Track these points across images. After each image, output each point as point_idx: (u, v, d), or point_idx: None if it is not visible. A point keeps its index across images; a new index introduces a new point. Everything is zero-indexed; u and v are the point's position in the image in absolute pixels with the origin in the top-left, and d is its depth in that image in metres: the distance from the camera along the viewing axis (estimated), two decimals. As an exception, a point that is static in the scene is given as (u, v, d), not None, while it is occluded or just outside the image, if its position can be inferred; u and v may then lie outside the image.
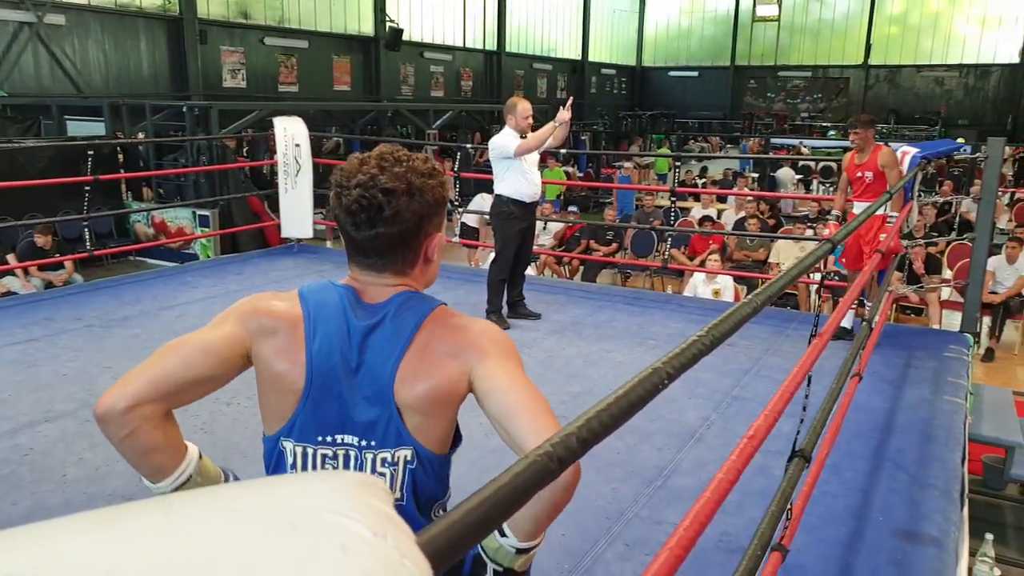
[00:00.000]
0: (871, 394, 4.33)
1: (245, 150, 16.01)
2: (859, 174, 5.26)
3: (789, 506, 1.99)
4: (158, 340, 5.17)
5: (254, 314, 1.38)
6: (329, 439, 1.35)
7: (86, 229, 7.37)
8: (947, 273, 8.78)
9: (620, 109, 36.06)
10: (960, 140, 26.69)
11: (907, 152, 5.25)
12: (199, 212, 11.79)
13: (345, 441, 1.35)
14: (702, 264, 8.73)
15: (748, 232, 9.44)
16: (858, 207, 5.27)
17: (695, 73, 37.19)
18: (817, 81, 35.10)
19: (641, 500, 3.21)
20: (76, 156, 11.17)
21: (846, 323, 5.38)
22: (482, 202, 11.47)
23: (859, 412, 4.03)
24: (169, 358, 1.33)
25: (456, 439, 1.43)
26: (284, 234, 8.22)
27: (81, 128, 13.92)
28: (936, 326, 8.02)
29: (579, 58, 33.99)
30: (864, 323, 3.50)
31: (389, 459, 1.34)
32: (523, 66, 30.31)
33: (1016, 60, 30.89)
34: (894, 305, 8.08)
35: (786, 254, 9.20)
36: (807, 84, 35.33)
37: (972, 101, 32.13)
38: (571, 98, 5.90)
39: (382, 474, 1.34)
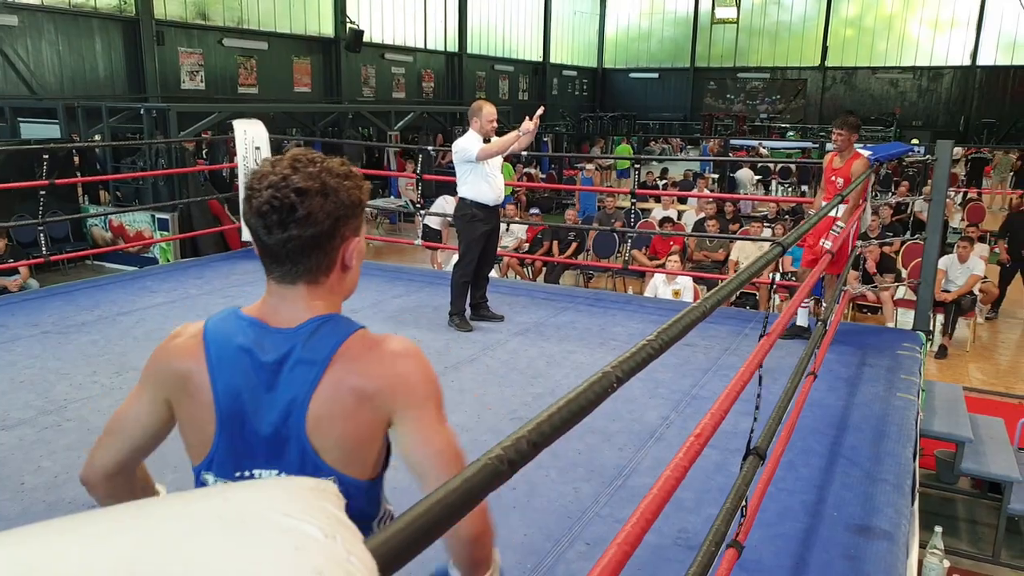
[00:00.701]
0: (827, 392, 4.43)
1: (204, 152, 15.84)
2: (833, 178, 5.37)
3: (744, 503, 2.04)
4: (117, 346, 5.14)
5: (158, 372, 1.38)
6: (247, 474, 1.32)
7: (41, 234, 7.25)
8: (902, 272, 8.98)
9: (582, 110, 36.26)
10: (914, 141, 27.26)
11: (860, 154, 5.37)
12: (158, 215, 11.65)
13: (262, 476, 1.32)
14: (663, 265, 8.83)
15: (708, 233, 9.57)
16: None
17: (655, 75, 37.55)
18: (775, 83, 35.62)
19: (602, 499, 3.25)
20: (31, 159, 10.97)
21: (802, 321, 5.50)
22: (444, 204, 11.47)
23: (815, 409, 4.12)
24: (115, 439, 1.41)
25: (386, 462, 1.40)
26: (245, 237, 8.16)
27: (35, 130, 13.67)
28: (891, 324, 8.20)
29: (541, 60, 34.12)
30: (819, 322, 3.58)
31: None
32: (485, 67, 30.35)
33: (967, 63, 31.62)
34: (851, 304, 8.25)
35: (746, 253, 9.34)
36: (766, 85, 35.83)
37: (926, 102, 32.84)
38: (542, 107, 5.94)
39: None
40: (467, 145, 5.44)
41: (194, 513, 0.48)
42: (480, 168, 5.45)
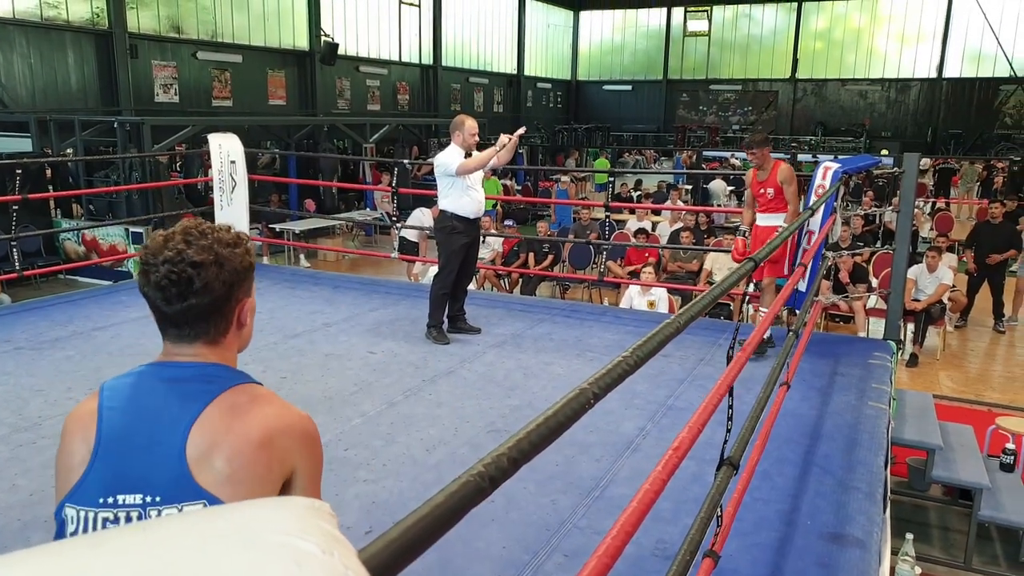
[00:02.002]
0: (800, 401, 4.49)
1: (179, 165, 15.75)
2: (762, 190, 5.49)
3: (719, 513, 2.08)
4: (91, 362, 5.11)
5: (61, 446, 1.39)
6: (109, 500, 1.31)
7: (13, 248, 7.18)
8: (873, 282, 9.11)
9: (556, 123, 36.49)
10: (884, 152, 27.65)
11: (829, 167, 5.46)
12: (132, 229, 11.57)
13: (126, 502, 1.30)
14: (637, 277, 8.91)
15: (681, 245, 9.66)
16: (761, 219, 5.52)
17: (629, 87, 37.85)
18: (747, 94, 36.03)
19: (580, 511, 3.28)
20: (2, 173, 10.87)
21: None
22: (421, 216, 11.49)
23: (788, 419, 4.18)
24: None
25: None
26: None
27: (6, 144, 13.54)
28: (863, 333, 8.32)
29: (515, 72, 34.29)
30: (790, 332, 3.65)
31: (173, 511, 1.30)
32: (459, 80, 30.45)
33: (934, 75, 32.17)
34: (824, 313, 8.36)
35: (719, 264, 9.44)
36: (738, 97, 36.22)
37: (894, 114, 33.36)
38: (523, 127, 6.03)
39: None
40: (447, 159, 5.49)
41: (198, 532, 0.51)
42: (460, 182, 5.50)
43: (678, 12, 36.50)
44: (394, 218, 14.02)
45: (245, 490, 1.28)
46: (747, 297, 7.46)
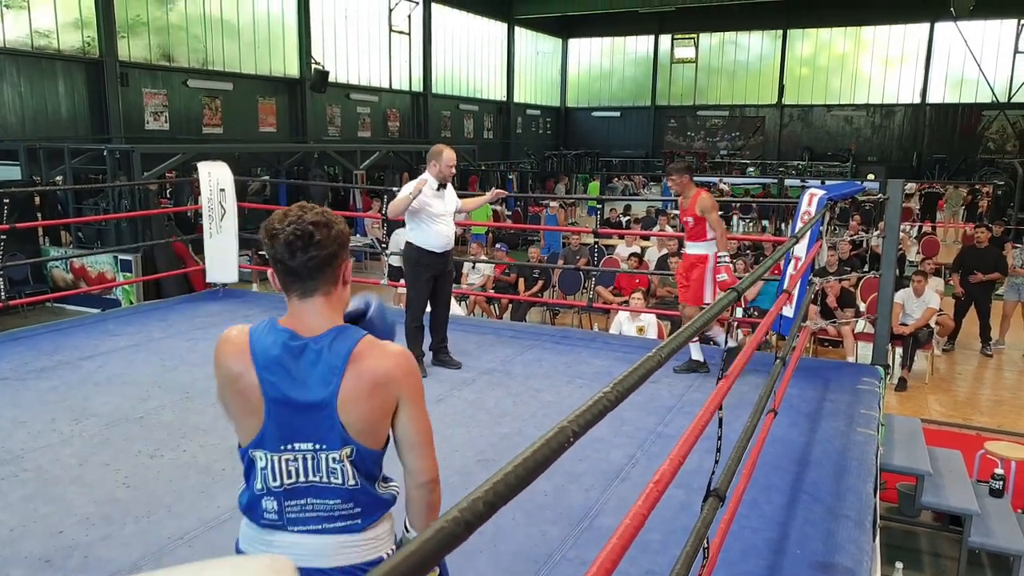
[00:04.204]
0: (788, 427, 4.50)
1: (169, 192, 15.74)
2: (684, 219, 5.60)
3: (706, 545, 2.07)
4: (77, 392, 5.08)
5: (218, 368, 1.78)
6: (289, 447, 1.72)
7: (1, 277, 7.15)
8: (861, 306, 9.15)
9: (546, 149, 36.66)
10: (871, 176, 27.84)
11: (815, 194, 5.51)
12: (121, 256, 11.53)
13: (301, 448, 1.71)
14: (627, 302, 8.92)
15: (670, 272, 9.69)
16: (687, 247, 5.66)
17: (617, 113, 38.10)
18: (735, 120, 36.31)
19: (568, 542, 3.27)
20: (-11, 202, 10.84)
21: (696, 356, 5.67)
22: (399, 240, 11.44)
23: (777, 445, 4.18)
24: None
25: (387, 440, 1.81)
26: (209, 279, 8.13)
27: (-5, 172, 13.52)
28: (851, 358, 8.34)
29: (505, 99, 34.49)
30: (778, 359, 3.65)
31: (337, 457, 1.72)
32: (450, 107, 30.60)
33: (918, 100, 32.52)
34: (813, 338, 8.38)
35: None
36: (725, 123, 36.50)
37: (880, 138, 33.67)
38: (503, 192, 6.18)
39: (334, 469, 1.72)
40: (400, 194, 5.38)
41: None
42: (419, 215, 5.36)
43: (665, 39, 36.84)
44: (383, 244, 14.05)
45: (371, 428, 1.73)
46: (735, 324, 7.49)
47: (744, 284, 2.38)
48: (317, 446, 1.70)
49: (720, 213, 5.62)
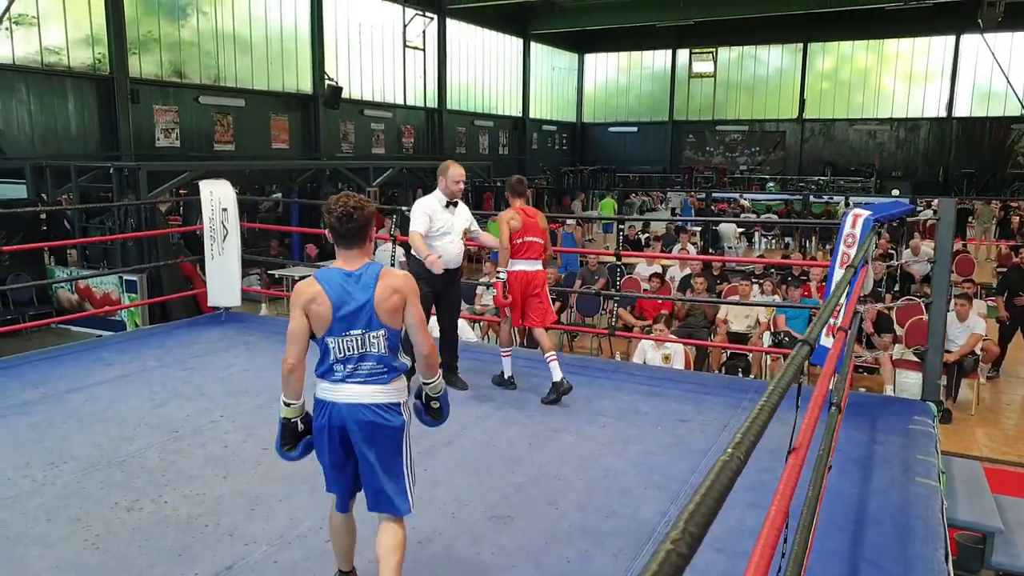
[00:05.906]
0: (838, 477, 4.00)
1: (180, 210, 15.40)
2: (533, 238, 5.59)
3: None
4: (58, 431, 4.65)
5: (299, 299, 2.75)
6: (348, 333, 2.71)
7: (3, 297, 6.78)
8: (898, 330, 8.62)
9: (562, 164, 36.31)
10: (895, 192, 27.22)
11: (859, 215, 5.02)
12: (126, 277, 11.18)
13: (355, 332, 2.71)
14: (649, 328, 8.44)
15: (697, 298, 9.21)
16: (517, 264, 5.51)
17: (634, 128, 37.71)
18: (754, 135, 35.82)
19: (596, 622, 2.81)
20: (-7, 222, 10.55)
21: (507, 371, 5.66)
22: (383, 255, 10.94)
23: (829, 498, 3.69)
24: (296, 344, 2.77)
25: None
26: (211, 302, 7.72)
27: (1, 190, 13.25)
28: (889, 387, 7.83)
29: (520, 115, 34.19)
30: (833, 407, 3.18)
31: (375, 336, 2.73)
32: (465, 123, 30.31)
33: (943, 114, 31.90)
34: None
35: (735, 312, 8.99)
36: (745, 138, 36.01)
37: (904, 153, 33.05)
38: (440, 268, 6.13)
39: (374, 343, 2.73)
40: (417, 213, 5.31)
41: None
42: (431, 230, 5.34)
43: (683, 54, 36.46)
44: (395, 264, 13.65)
45: (393, 316, 2.76)
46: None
47: (812, 335, 1.93)
48: (364, 330, 2.71)
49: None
